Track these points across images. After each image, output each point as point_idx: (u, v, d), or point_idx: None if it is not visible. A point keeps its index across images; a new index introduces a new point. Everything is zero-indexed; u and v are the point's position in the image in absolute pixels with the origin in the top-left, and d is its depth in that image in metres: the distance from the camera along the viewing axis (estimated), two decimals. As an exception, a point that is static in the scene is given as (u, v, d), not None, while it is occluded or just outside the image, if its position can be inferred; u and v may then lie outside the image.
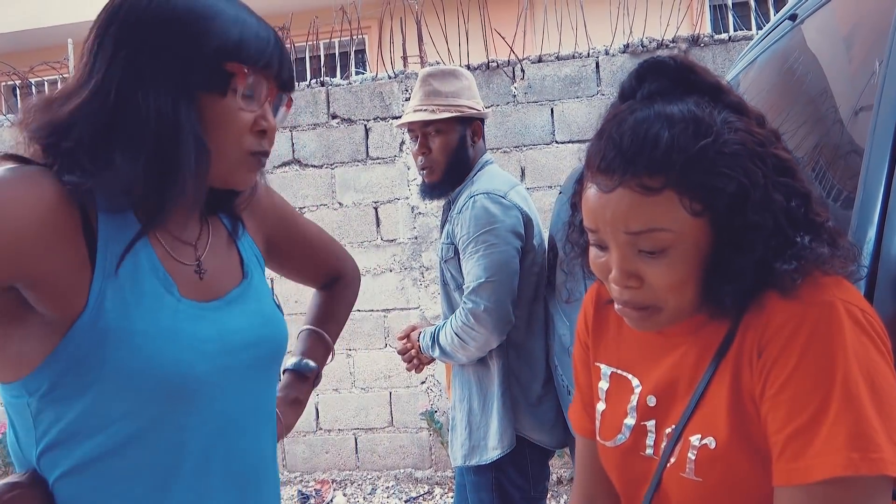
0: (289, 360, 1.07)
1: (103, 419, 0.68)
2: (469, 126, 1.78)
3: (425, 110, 1.74)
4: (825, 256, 0.66)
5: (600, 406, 0.85)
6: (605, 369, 0.85)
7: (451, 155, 1.76)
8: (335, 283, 1.14)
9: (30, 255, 0.63)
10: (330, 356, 1.12)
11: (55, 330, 0.66)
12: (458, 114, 1.73)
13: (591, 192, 0.70)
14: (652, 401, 0.78)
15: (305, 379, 1.07)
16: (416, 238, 3.47)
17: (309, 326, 1.11)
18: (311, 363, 1.07)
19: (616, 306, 0.74)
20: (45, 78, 4.56)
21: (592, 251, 0.74)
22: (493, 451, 1.70)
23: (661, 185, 0.64)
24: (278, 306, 0.90)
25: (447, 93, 1.75)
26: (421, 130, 1.77)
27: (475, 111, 1.77)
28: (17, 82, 4.20)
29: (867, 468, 0.57)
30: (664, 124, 0.66)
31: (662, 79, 0.71)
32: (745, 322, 0.70)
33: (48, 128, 0.68)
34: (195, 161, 0.71)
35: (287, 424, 1.02)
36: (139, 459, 0.71)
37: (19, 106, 0.73)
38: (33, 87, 4.45)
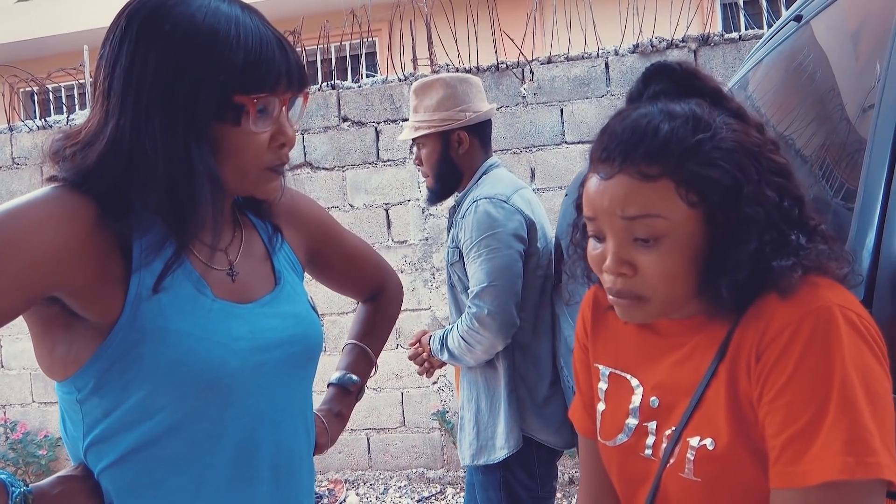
0: (333, 375, 1.10)
1: (144, 413, 0.72)
2: (450, 137, 1.79)
3: (410, 128, 1.83)
4: (823, 254, 0.67)
5: (600, 406, 0.86)
6: (604, 370, 0.86)
7: (435, 167, 1.82)
8: (379, 296, 1.16)
9: (69, 268, 0.67)
10: (373, 370, 1.14)
11: (98, 333, 0.71)
12: (431, 130, 1.76)
13: (591, 181, 0.73)
14: (655, 402, 0.78)
15: (349, 393, 1.09)
16: (426, 239, 3.49)
17: (352, 341, 1.14)
18: (354, 377, 1.09)
19: (609, 297, 0.75)
20: (62, 84, 4.63)
21: (590, 244, 0.76)
22: (500, 450, 1.71)
23: (659, 173, 0.67)
24: (314, 308, 0.92)
25: (426, 107, 1.79)
26: (415, 143, 1.87)
27: (452, 122, 1.76)
28: (35, 88, 4.27)
29: (863, 472, 0.58)
30: (665, 118, 0.69)
31: (667, 81, 0.74)
32: (744, 323, 0.70)
33: (81, 176, 0.70)
34: (211, 199, 0.73)
35: (331, 437, 1.03)
36: (178, 450, 0.74)
37: (37, 112, 0.75)
38: (50, 92, 4.52)
